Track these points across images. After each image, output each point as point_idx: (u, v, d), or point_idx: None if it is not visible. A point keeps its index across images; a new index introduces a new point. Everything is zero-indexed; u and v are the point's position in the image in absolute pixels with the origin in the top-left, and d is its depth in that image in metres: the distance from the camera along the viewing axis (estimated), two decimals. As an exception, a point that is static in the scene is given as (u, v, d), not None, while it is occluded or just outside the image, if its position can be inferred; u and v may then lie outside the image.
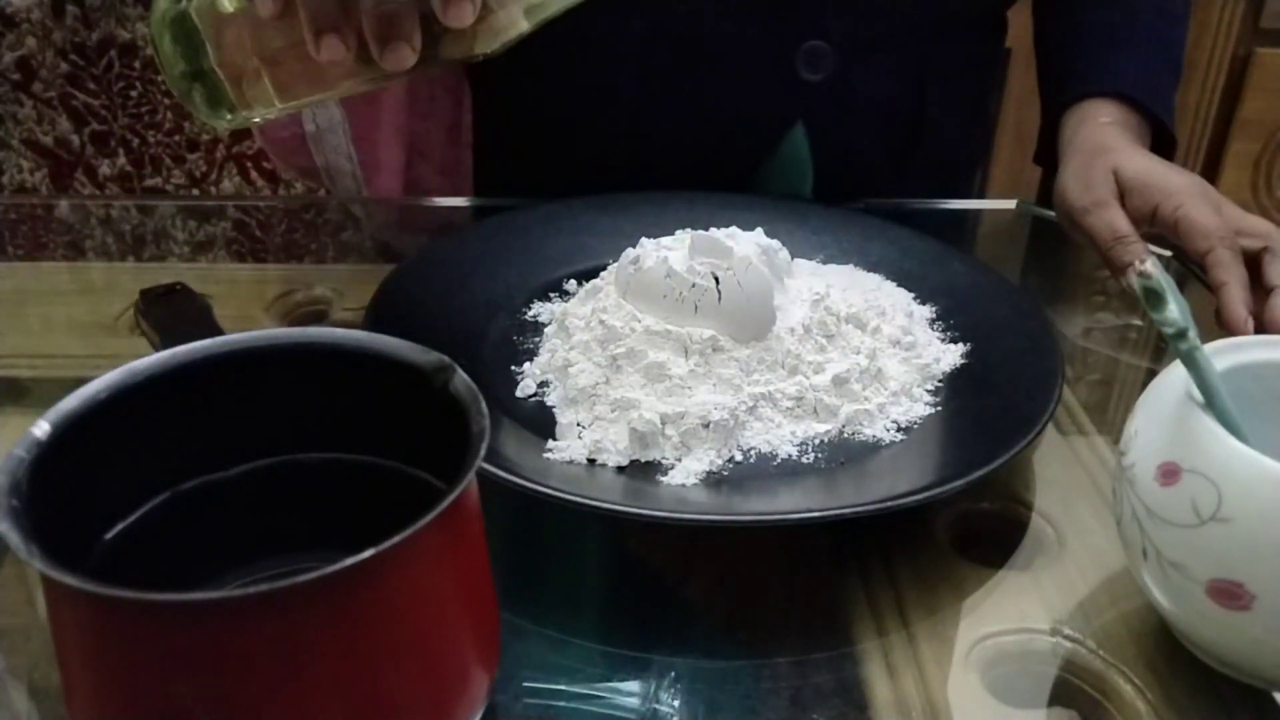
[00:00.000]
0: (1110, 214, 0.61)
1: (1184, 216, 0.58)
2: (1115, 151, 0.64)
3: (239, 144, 1.15)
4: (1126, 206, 0.61)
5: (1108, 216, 0.61)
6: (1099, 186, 0.63)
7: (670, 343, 0.51)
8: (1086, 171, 0.64)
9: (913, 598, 0.45)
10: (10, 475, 0.30)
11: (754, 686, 0.41)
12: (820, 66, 0.71)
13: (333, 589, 0.27)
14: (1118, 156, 0.64)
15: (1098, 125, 0.68)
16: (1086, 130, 0.68)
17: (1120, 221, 0.61)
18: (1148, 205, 0.60)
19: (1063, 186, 0.66)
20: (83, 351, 0.62)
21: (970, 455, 0.47)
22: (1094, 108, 0.69)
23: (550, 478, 0.46)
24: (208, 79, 0.45)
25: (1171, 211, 0.59)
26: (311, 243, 0.77)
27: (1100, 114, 0.68)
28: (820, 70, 0.71)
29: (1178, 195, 0.59)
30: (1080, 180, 0.64)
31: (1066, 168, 0.67)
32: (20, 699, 0.40)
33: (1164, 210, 0.59)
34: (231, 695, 0.28)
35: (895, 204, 0.75)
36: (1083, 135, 0.68)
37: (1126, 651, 0.42)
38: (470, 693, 0.33)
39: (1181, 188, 0.60)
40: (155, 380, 0.35)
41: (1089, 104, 0.69)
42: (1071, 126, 0.69)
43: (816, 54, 0.71)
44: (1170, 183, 0.60)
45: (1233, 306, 0.55)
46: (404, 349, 0.36)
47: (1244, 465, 0.36)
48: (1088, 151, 0.66)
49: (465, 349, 0.56)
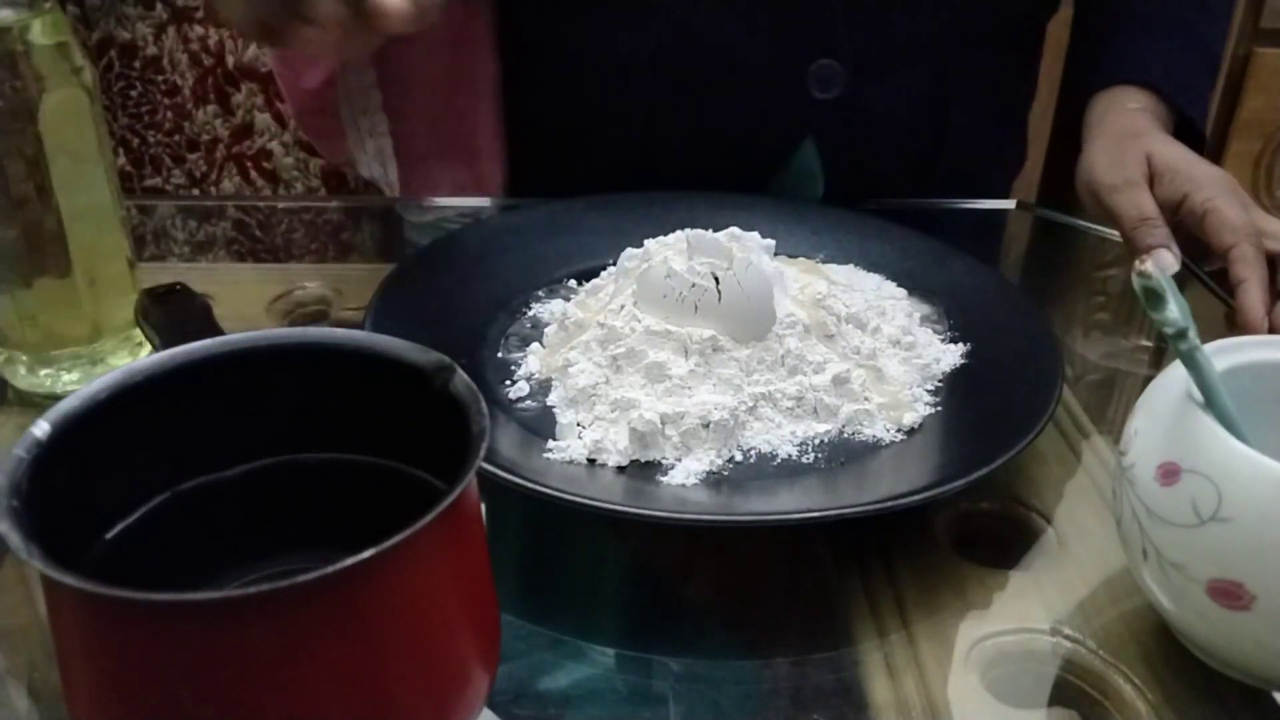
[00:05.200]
0: (1139, 195, 0.60)
1: (1214, 209, 0.57)
2: (1149, 136, 0.64)
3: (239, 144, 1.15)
4: (1155, 192, 0.61)
5: (1137, 197, 0.60)
6: (1130, 166, 0.62)
7: (670, 343, 0.51)
8: (1118, 150, 0.63)
9: (913, 598, 0.45)
10: (10, 475, 0.30)
11: (754, 686, 0.41)
12: (831, 85, 0.71)
13: (333, 589, 0.27)
14: (1152, 141, 0.63)
15: (1126, 110, 0.67)
16: (1115, 114, 0.67)
17: (1149, 204, 0.60)
18: (1177, 193, 0.59)
19: (1090, 162, 0.65)
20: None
21: (970, 455, 0.47)
22: (1122, 94, 0.68)
23: (550, 478, 0.46)
24: None
25: (1202, 203, 0.58)
26: (311, 243, 0.76)
27: (1129, 100, 0.68)
28: (831, 89, 0.71)
29: (1210, 187, 0.59)
30: (1110, 157, 0.63)
31: (1094, 144, 0.66)
32: (20, 699, 0.40)
33: (1194, 200, 0.58)
34: (231, 695, 0.28)
35: (896, 204, 0.75)
36: (1112, 118, 0.67)
37: (1126, 651, 0.42)
38: (470, 693, 0.33)
39: (1214, 180, 0.59)
40: (155, 380, 0.35)
41: (1118, 90, 0.69)
42: (1099, 110, 0.69)
43: (827, 72, 0.70)
44: (1204, 174, 0.60)
45: (1251, 304, 0.54)
46: (404, 349, 0.36)
47: (1244, 465, 0.36)
48: (1119, 133, 0.65)
49: (465, 349, 0.56)
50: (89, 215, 0.53)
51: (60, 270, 0.53)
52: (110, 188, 0.55)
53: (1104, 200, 0.62)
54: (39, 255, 0.53)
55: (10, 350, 0.55)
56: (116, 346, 0.56)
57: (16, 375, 0.56)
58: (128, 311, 0.52)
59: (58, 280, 0.53)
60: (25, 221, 0.52)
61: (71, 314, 0.54)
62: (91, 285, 0.54)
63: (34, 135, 0.50)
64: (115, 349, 0.56)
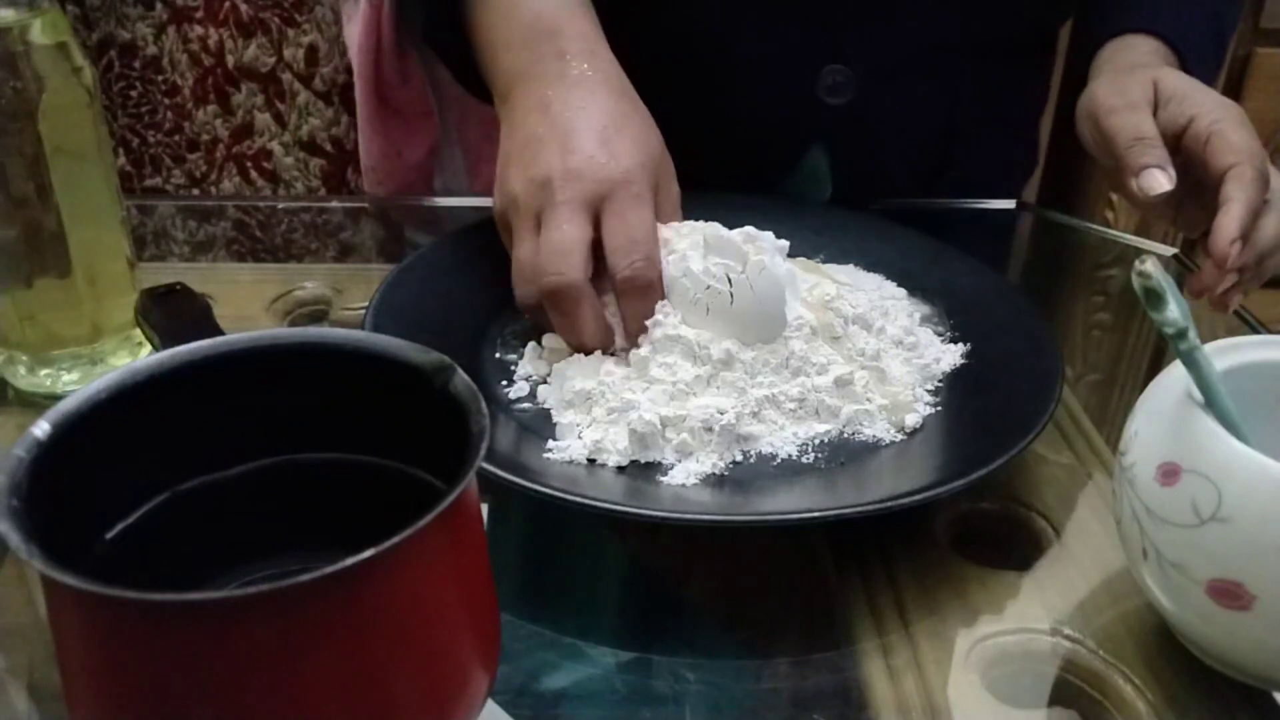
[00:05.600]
0: (1138, 115, 0.58)
1: (1219, 132, 0.55)
2: (1157, 68, 0.62)
3: (239, 144, 1.15)
4: (1158, 117, 0.58)
5: (1135, 117, 0.58)
6: (1134, 90, 0.60)
7: (679, 346, 0.51)
8: (1124, 78, 0.62)
9: (913, 598, 0.45)
10: (10, 475, 0.30)
11: (754, 686, 0.41)
12: (841, 91, 0.70)
13: (333, 589, 0.27)
14: (1159, 72, 0.61)
15: (1136, 51, 0.66)
16: (1125, 53, 0.66)
17: (1147, 124, 0.58)
18: (1182, 118, 0.58)
19: (1092, 92, 0.63)
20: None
21: (970, 455, 0.47)
22: (1134, 39, 0.67)
23: (550, 478, 0.46)
24: None
25: (1207, 126, 0.56)
26: (311, 243, 0.76)
27: (1141, 46, 0.66)
28: (841, 95, 0.71)
29: (1217, 112, 0.57)
30: (1114, 85, 0.61)
31: (1099, 78, 0.64)
32: (20, 699, 0.40)
33: (1199, 125, 0.57)
34: (231, 695, 0.28)
35: (897, 204, 0.75)
36: (1121, 57, 0.65)
37: (1126, 651, 0.42)
38: (470, 693, 0.33)
39: (1223, 105, 0.57)
40: (155, 380, 0.35)
41: (1129, 37, 0.67)
42: (1107, 53, 0.67)
43: (837, 78, 0.70)
44: (1213, 100, 0.58)
45: (1227, 225, 0.52)
46: (404, 349, 0.36)
47: (1244, 465, 0.36)
48: (1126, 67, 0.64)
49: (465, 349, 0.56)
50: (89, 215, 0.54)
51: (60, 270, 0.53)
52: (110, 188, 0.55)
53: (1101, 123, 0.60)
54: (39, 255, 0.53)
55: (10, 350, 0.55)
56: (116, 346, 0.56)
57: (16, 375, 0.56)
58: (128, 311, 0.52)
59: (58, 280, 0.53)
60: (25, 221, 0.52)
61: (71, 314, 0.54)
62: (91, 285, 0.54)
63: (34, 135, 0.50)
64: (115, 349, 0.56)
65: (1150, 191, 0.56)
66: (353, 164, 1.16)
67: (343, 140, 1.14)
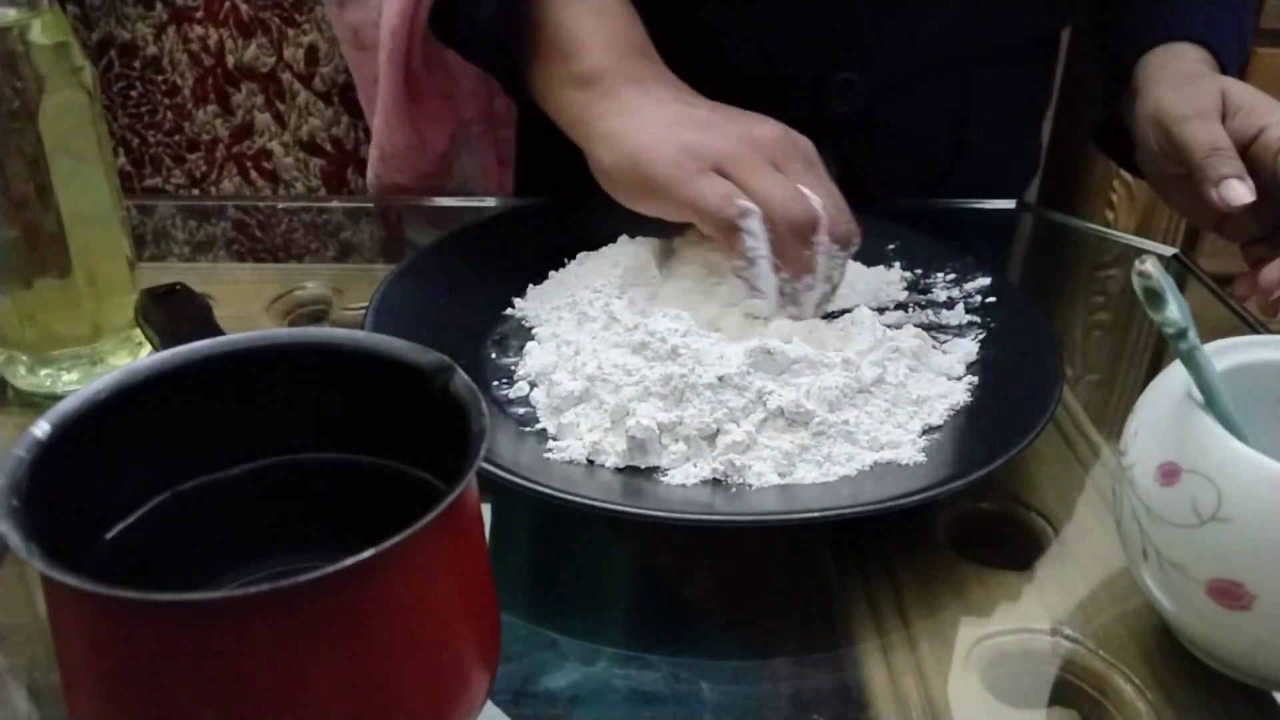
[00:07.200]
0: (1211, 125, 0.59)
1: None
2: (1219, 78, 0.62)
3: (239, 144, 1.15)
4: (1226, 127, 0.59)
5: (1209, 127, 0.59)
6: (1203, 99, 0.60)
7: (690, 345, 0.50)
8: (1190, 86, 0.62)
9: (913, 598, 0.45)
10: (10, 475, 0.30)
11: (754, 686, 0.41)
12: (852, 98, 0.70)
13: (333, 589, 0.27)
14: (1225, 81, 0.62)
15: (1188, 60, 0.66)
16: (1178, 61, 0.66)
17: (1221, 134, 0.58)
18: (1253, 127, 0.58)
19: (1157, 96, 0.63)
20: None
21: (970, 455, 0.47)
22: (1182, 48, 0.67)
23: (550, 478, 0.46)
24: None
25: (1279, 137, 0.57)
26: (311, 243, 0.76)
27: (1187, 54, 0.66)
28: (852, 102, 0.71)
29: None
30: (1182, 93, 0.62)
31: (1159, 85, 0.64)
32: (20, 699, 0.40)
33: (1270, 135, 0.57)
34: (231, 695, 0.28)
35: (897, 204, 0.75)
36: (1174, 64, 0.65)
37: (1126, 651, 0.42)
38: (470, 693, 0.33)
39: None
40: (155, 380, 0.35)
41: (1175, 45, 0.67)
42: (1155, 61, 0.67)
43: (849, 86, 0.70)
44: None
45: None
46: (404, 349, 0.36)
47: (1244, 465, 0.36)
48: (1187, 74, 0.64)
49: (465, 349, 0.56)
50: (89, 215, 0.54)
51: (60, 270, 0.53)
52: (110, 188, 0.55)
53: (1173, 131, 0.61)
54: (39, 255, 0.53)
55: (10, 350, 0.55)
56: (116, 346, 0.56)
57: (16, 375, 0.56)
58: (128, 311, 0.52)
59: (58, 280, 0.53)
60: (25, 221, 0.52)
61: (71, 314, 0.54)
62: (91, 285, 0.54)
63: (34, 135, 0.50)
64: (115, 349, 0.56)
65: (1233, 202, 0.57)
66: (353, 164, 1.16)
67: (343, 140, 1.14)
